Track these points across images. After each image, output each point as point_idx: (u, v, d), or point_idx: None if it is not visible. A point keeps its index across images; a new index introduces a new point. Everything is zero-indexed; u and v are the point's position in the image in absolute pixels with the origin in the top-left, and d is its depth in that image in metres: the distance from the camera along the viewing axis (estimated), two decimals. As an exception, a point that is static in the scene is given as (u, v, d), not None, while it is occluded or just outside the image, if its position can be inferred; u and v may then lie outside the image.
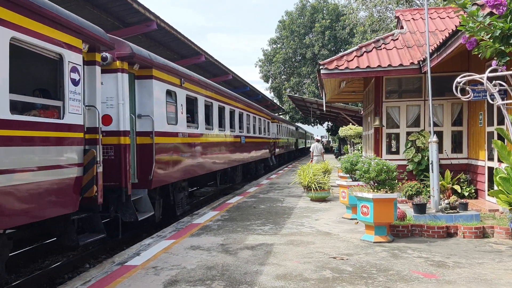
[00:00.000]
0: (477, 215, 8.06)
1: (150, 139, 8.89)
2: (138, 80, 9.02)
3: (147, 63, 8.95)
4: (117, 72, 8.12)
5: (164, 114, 9.63)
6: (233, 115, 16.77)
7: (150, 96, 9.01)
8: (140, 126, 8.95)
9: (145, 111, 8.99)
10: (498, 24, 4.55)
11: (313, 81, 46.96)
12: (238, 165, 17.90)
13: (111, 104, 8.09)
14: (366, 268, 5.74)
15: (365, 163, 7.53)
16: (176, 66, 10.82)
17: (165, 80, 9.78)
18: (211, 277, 5.43)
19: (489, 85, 5.38)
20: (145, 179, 8.85)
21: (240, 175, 19.33)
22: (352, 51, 12.19)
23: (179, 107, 10.59)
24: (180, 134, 10.60)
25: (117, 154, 8.09)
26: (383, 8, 29.76)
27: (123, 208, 8.16)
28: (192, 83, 11.74)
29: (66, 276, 7.18)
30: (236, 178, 18.41)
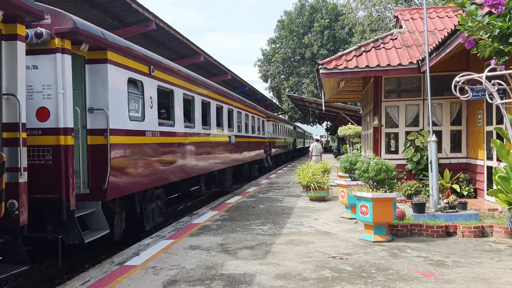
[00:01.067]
0: (476, 214, 8.06)
1: (104, 139, 7.19)
2: (90, 65, 7.27)
3: (99, 43, 7.17)
4: (56, 52, 6.41)
5: (124, 108, 7.93)
6: (221, 112, 15.00)
7: (104, 85, 7.27)
8: (92, 122, 7.22)
9: (98, 103, 7.23)
10: (497, 23, 4.55)
11: (312, 80, 46.96)
12: (227, 167, 16.10)
13: (49, 94, 6.44)
14: (365, 267, 5.74)
15: (364, 163, 7.54)
16: (143, 50, 9.03)
17: (127, 66, 8.08)
18: (211, 277, 5.43)
19: (488, 84, 5.39)
20: (98, 188, 7.13)
21: (230, 178, 17.38)
22: (351, 51, 12.19)
23: (148, 101, 8.89)
24: (149, 133, 8.90)
25: (56, 158, 6.41)
26: (382, 7, 29.77)
27: (65, 227, 6.58)
28: (166, 72, 10.00)
29: (65, 277, 7.17)
30: (225, 182, 16.42)
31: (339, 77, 12.39)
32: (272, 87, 54.07)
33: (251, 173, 22.36)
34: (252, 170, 22.76)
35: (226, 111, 15.53)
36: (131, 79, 8.26)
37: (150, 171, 8.95)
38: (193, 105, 11.96)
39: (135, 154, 8.31)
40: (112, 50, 7.53)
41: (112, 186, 7.33)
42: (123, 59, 7.93)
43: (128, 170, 8.00)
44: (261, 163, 24.92)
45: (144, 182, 8.77)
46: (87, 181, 7.14)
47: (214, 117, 13.88)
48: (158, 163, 9.34)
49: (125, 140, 7.89)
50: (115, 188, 7.46)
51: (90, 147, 7.19)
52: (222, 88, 15.80)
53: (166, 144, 9.84)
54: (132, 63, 8.32)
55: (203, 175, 13.33)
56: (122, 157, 7.76)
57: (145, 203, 9.17)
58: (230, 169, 16.98)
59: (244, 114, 19.00)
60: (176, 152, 10.48)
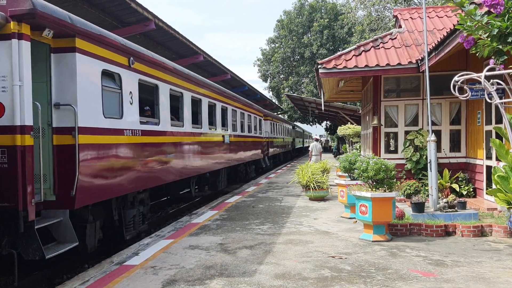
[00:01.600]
0: (476, 213, 8.07)
1: (72, 139, 6.31)
2: (56, 55, 6.36)
3: (66, 29, 6.21)
4: (12, 38, 5.55)
5: (97, 104, 7.01)
6: (214, 109, 14.04)
7: (72, 77, 6.37)
8: (59, 119, 6.34)
9: (65, 98, 6.33)
10: (496, 23, 4.55)
11: (312, 80, 46.98)
12: (221, 168, 15.16)
13: (3, 87, 5.63)
14: (365, 267, 5.74)
15: (364, 162, 7.54)
16: (120, 39, 8.01)
17: (100, 57, 7.16)
18: (210, 276, 5.44)
19: (487, 84, 5.39)
20: (66, 195, 6.24)
21: (225, 180, 16.44)
22: (350, 50, 12.20)
23: (126, 96, 7.96)
24: (128, 132, 7.99)
25: (11, 160, 5.56)
26: (381, 7, 29.79)
27: (23, 241, 5.77)
28: (149, 65, 9.02)
29: (64, 276, 7.17)
30: (219, 183, 15.53)
31: (338, 76, 12.40)
32: (271, 86, 54.11)
33: (247, 174, 21.41)
34: (249, 171, 21.81)
35: (219, 109, 14.65)
36: (106, 72, 7.36)
37: (130, 174, 8.03)
38: (182, 102, 10.97)
39: (111, 156, 7.41)
40: (81, 37, 6.58)
41: (82, 192, 6.43)
42: (95, 48, 7.02)
43: (102, 173, 7.09)
44: (258, 163, 24.07)
45: (123, 187, 7.85)
46: (53, 186, 6.25)
47: (205, 115, 12.97)
48: (140, 166, 8.47)
49: (98, 139, 6.99)
50: (85, 194, 6.57)
51: (56, 147, 6.30)
52: (215, 85, 14.82)
53: (150, 144, 8.94)
54: (107, 53, 7.40)
55: (193, 177, 12.48)
56: (94, 159, 6.87)
57: (125, 210, 8.35)
58: (224, 170, 16.07)
59: (239, 112, 18.06)
60: (162, 153, 9.56)
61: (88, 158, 6.69)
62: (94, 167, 6.86)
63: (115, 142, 7.53)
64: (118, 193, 7.75)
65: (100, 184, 7.08)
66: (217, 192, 15.70)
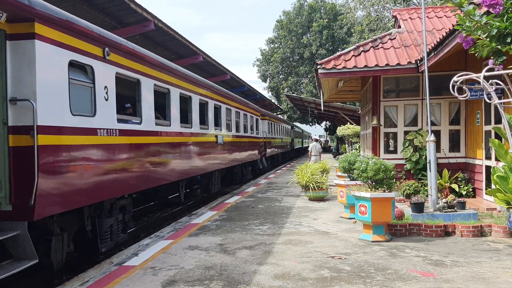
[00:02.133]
0: (475, 214, 8.07)
1: (30, 139, 5.41)
2: (12, 42, 5.48)
3: (22, 11, 5.35)
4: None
5: (63, 100, 6.09)
6: (206, 108, 13.19)
7: (30, 67, 5.49)
8: (15, 117, 5.45)
9: (22, 92, 5.46)
10: (495, 23, 4.55)
11: (311, 80, 47.01)
12: (214, 170, 14.26)
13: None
14: (364, 267, 5.74)
15: (363, 163, 7.54)
16: (93, 27, 7.05)
17: (68, 46, 6.24)
18: (210, 277, 5.43)
19: (486, 84, 5.39)
20: (23, 204, 5.36)
21: (218, 182, 15.51)
22: (349, 51, 12.21)
23: (101, 91, 7.06)
24: (103, 132, 7.06)
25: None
26: (381, 7, 29.81)
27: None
28: (129, 57, 8.08)
29: (64, 277, 7.16)
30: (212, 186, 14.68)
31: (337, 77, 12.41)
32: (271, 87, 54.14)
33: (243, 175, 20.59)
34: (245, 172, 21.01)
35: (212, 108, 13.69)
36: (74, 63, 6.45)
37: (105, 179, 7.11)
38: (169, 99, 10.04)
39: (81, 159, 6.44)
40: (42, 22, 5.66)
41: (43, 201, 5.51)
42: (61, 35, 6.10)
43: (69, 179, 6.14)
44: (255, 164, 23.18)
45: (97, 193, 6.91)
46: (9, 195, 5.35)
47: (196, 114, 11.97)
48: (118, 169, 7.53)
49: (64, 140, 6.06)
50: (47, 203, 5.64)
51: (12, 150, 5.41)
52: (207, 82, 13.85)
53: (130, 145, 7.99)
54: (77, 41, 6.45)
55: (182, 180, 11.50)
56: (58, 163, 5.90)
57: (101, 219, 7.53)
58: (217, 173, 15.18)
59: (234, 111, 17.09)
60: (145, 155, 8.62)
61: (50, 161, 5.75)
62: (58, 172, 5.93)
63: (85, 143, 6.58)
64: (90, 201, 6.83)
65: (67, 191, 6.11)
66: (210, 196, 14.94)
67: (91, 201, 6.89)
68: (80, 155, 6.47)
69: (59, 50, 6.07)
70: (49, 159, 5.75)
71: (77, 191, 6.37)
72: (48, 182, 5.71)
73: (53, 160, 5.85)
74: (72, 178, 6.25)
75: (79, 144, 6.45)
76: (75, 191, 6.31)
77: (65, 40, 6.22)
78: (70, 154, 6.22)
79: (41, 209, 5.54)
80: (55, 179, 5.88)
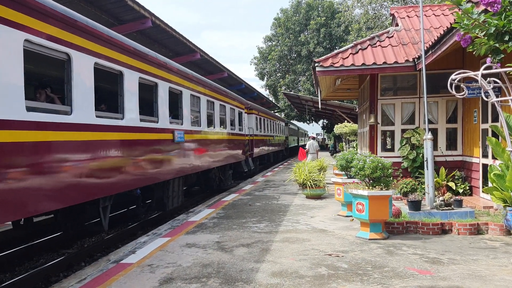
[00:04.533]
0: (472, 212, 8.10)
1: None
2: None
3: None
4: None
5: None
6: (153, 92, 9.73)
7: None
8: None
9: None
10: (493, 22, 4.56)
11: (309, 78, 47.01)
12: (172, 178, 10.95)
13: None
14: (361, 265, 5.75)
15: (360, 160, 7.55)
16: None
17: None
18: (207, 275, 5.43)
19: (483, 82, 5.40)
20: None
21: (179, 195, 12.00)
22: (347, 49, 12.21)
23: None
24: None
25: None
26: (378, 5, 29.82)
27: None
28: (45, 18, 5.89)
29: (61, 275, 7.16)
30: (167, 200, 11.17)
31: (335, 75, 12.41)
32: (268, 85, 54.13)
33: (222, 181, 16.80)
34: (226, 176, 17.22)
35: (165, 92, 10.18)
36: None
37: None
38: (69, 72, 6.60)
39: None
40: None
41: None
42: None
43: None
44: (239, 166, 19.56)
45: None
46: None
47: (130, 98, 8.38)
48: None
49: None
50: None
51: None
52: (156, 55, 9.88)
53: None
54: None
55: (104, 199, 7.97)
56: None
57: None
58: (178, 181, 11.75)
59: (205, 100, 13.46)
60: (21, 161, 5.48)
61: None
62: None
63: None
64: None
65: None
66: (165, 214, 11.37)
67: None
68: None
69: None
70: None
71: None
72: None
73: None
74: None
75: None
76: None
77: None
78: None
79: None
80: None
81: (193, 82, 12.46)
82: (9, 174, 5.24)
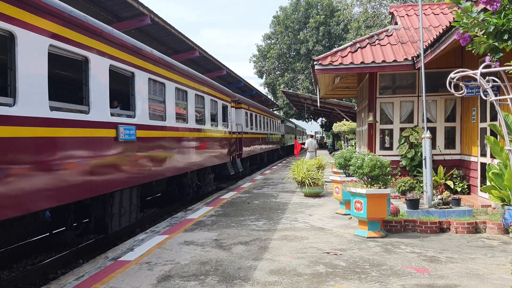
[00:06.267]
0: (470, 210, 8.11)
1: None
2: None
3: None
4: None
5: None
6: (85, 70, 7.09)
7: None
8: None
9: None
10: (492, 20, 4.55)
11: (307, 76, 46.99)
12: (118, 190, 8.39)
13: None
14: (360, 263, 5.76)
15: (359, 159, 7.55)
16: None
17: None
18: (205, 272, 5.43)
19: (482, 81, 5.40)
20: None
21: (134, 209, 9.34)
22: (346, 47, 12.20)
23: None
24: None
25: None
26: (378, 4, 29.81)
27: None
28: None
29: (59, 272, 7.16)
30: (112, 220, 8.52)
31: (334, 73, 12.40)
32: (267, 83, 54.10)
33: (199, 188, 14.23)
34: (206, 181, 14.71)
35: (104, 73, 7.58)
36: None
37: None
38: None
39: None
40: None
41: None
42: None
43: None
44: (224, 169, 17.06)
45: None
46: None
47: (37, 78, 5.92)
48: None
49: None
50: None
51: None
52: (91, 20, 7.24)
53: None
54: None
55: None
56: None
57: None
58: (129, 193, 9.11)
59: (173, 88, 10.78)
60: None
61: None
62: None
63: None
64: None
65: None
66: (108, 240, 8.69)
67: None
68: None
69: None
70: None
71: None
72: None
73: None
74: None
75: None
76: None
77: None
78: None
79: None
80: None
81: (156, 64, 9.83)
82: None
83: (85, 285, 5.07)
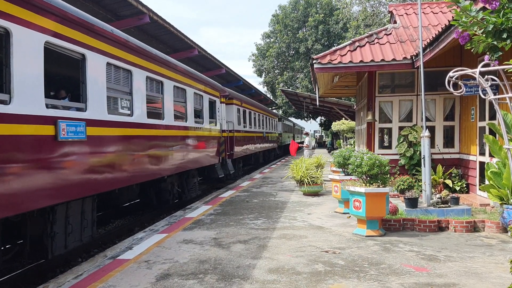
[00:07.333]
0: (468, 209, 8.12)
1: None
2: None
3: None
4: None
5: None
6: (5, 46, 5.35)
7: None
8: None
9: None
10: (491, 19, 4.55)
11: (307, 75, 46.98)
12: (58, 204, 6.56)
13: None
14: (358, 261, 5.76)
15: (358, 158, 7.55)
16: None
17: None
18: (204, 271, 5.43)
19: (481, 80, 5.40)
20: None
21: (86, 225, 7.57)
22: (345, 46, 12.20)
23: None
24: None
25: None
26: (377, 2, 29.81)
27: None
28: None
29: (57, 270, 7.15)
30: (53, 240, 6.72)
31: (333, 72, 12.40)
32: (266, 81, 54.07)
33: (181, 194, 12.56)
34: (189, 186, 13.08)
35: (34, 51, 5.80)
36: None
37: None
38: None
39: None
40: None
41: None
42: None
43: None
44: (212, 171, 15.49)
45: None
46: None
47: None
48: None
49: None
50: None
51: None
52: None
53: None
54: None
55: None
56: None
57: None
58: (78, 207, 7.34)
59: (143, 77, 9.19)
60: None
61: None
62: None
63: None
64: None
65: None
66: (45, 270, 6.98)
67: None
68: None
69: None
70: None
71: None
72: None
73: None
74: None
75: None
76: None
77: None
78: None
79: None
80: None
81: (119, 46, 8.16)
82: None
83: (84, 283, 5.07)
